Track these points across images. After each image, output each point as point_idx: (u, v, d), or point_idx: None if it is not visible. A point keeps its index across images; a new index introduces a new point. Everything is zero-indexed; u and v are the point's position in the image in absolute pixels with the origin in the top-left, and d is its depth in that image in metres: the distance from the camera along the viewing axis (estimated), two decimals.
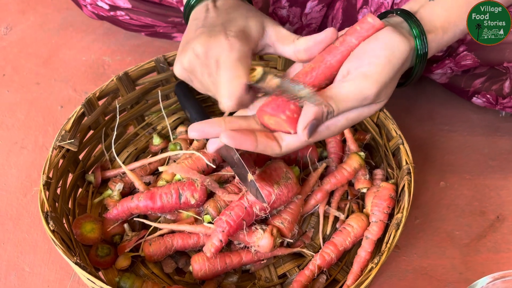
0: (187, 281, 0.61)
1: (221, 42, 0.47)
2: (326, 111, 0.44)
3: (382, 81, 0.44)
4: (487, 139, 0.78)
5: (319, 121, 0.44)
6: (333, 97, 0.44)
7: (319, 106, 0.43)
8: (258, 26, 0.50)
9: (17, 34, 0.98)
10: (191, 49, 0.49)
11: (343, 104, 0.44)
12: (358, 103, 0.45)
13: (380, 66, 0.44)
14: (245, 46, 0.48)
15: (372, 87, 0.44)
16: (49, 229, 0.53)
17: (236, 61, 0.46)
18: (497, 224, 0.68)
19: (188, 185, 0.60)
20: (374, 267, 0.51)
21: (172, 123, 0.75)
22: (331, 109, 0.44)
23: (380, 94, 0.45)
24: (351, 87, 0.44)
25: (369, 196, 0.63)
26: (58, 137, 0.60)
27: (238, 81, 0.45)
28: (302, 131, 0.43)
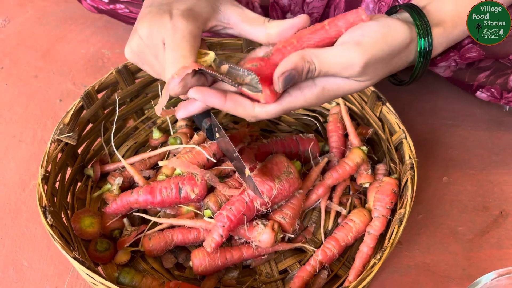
0: (187, 276, 0.60)
1: (165, 22, 0.46)
2: (308, 67, 0.42)
3: (373, 53, 0.43)
4: (491, 134, 0.77)
5: (298, 73, 0.42)
6: (318, 56, 0.42)
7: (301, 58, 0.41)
8: (209, 5, 0.49)
9: (16, 27, 0.97)
10: (137, 31, 0.48)
11: (327, 65, 0.43)
12: (342, 69, 0.43)
13: (374, 39, 0.43)
14: (191, 25, 0.46)
15: (361, 56, 0.42)
16: (47, 223, 0.52)
17: (181, 41, 0.44)
18: (500, 220, 0.67)
19: (188, 179, 0.59)
20: (376, 263, 0.50)
21: (172, 117, 0.74)
22: (312, 66, 0.42)
23: (367, 69, 0.44)
24: (339, 50, 0.43)
25: (371, 191, 0.62)
26: (57, 131, 0.60)
27: (183, 62, 0.43)
28: (277, 78, 0.41)
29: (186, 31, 0.45)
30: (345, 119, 0.68)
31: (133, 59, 0.52)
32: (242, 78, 0.43)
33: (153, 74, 0.52)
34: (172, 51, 0.44)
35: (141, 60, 0.51)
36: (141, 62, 0.52)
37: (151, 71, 0.52)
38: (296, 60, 0.41)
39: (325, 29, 0.46)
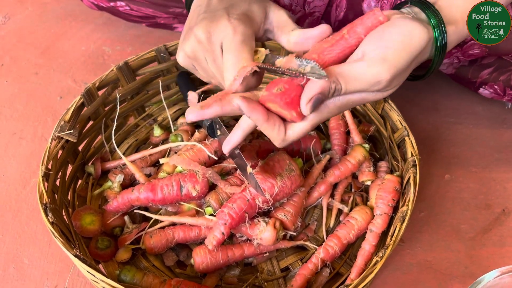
0: (188, 274, 0.60)
1: (224, 26, 0.46)
2: (334, 87, 0.41)
3: (398, 67, 0.43)
4: (493, 131, 0.77)
5: (325, 96, 0.41)
6: (344, 75, 0.42)
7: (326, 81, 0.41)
8: (261, 10, 0.49)
9: (16, 23, 0.97)
10: (193, 35, 0.48)
11: (353, 84, 0.42)
12: (368, 86, 0.43)
13: (398, 51, 0.42)
14: (248, 29, 0.47)
15: (387, 72, 0.42)
16: (48, 221, 0.52)
17: (241, 44, 0.45)
18: (502, 218, 0.67)
19: (189, 177, 0.59)
20: (378, 261, 0.50)
21: (173, 114, 0.74)
22: (339, 86, 0.41)
23: (392, 81, 0.44)
24: (364, 68, 0.42)
25: (373, 188, 0.62)
26: (57, 128, 0.59)
27: (245, 64, 0.44)
28: (305, 104, 0.41)
29: (245, 35, 0.46)
30: (347, 116, 0.67)
31: (186, 63, 0.52)
32: (303, 67, 0.42)
33: (204, 78, 0.52)
34: (233, 53, 0.45)
35: (196, 64, 0.51)
36: (195, 66, 0.52)
37: (204, 75, 0.52)
38: (322, 83, 0.41)
39: (345, 39, 0.45)
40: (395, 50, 0.42)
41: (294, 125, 0.44)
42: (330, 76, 0.41)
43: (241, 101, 0.42)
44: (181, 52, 0.51)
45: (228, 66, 0.45)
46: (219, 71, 0.47)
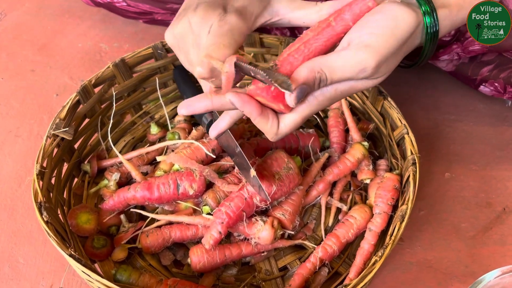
0: (185, 273, 0.59)
1: (218, 15, 0.46)
2: (319, 77, 0.41)
3: (383, 53, 0.42)
4: (494, 129, 0.76)
5: (310, 87, 0.41)
6: (328, 64, 0.41)
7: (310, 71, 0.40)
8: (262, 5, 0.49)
9: (12, 20, 0.96)
10: (186, 17, 0.48)
11: (338, 73, 0.42)
12: (354, 74, 0.42)
13: (383, 37, 0.42)
14: (241, 22, 0.46)
15: (372, 59, 0.41)
16: (43, 220, 0.51)
17: (227, 32, 0.44)
18: (503, 216, 0.66)
19: (186, 175, 0.58)
20: (378, 260, 0.49)
21: (170, 112, 0.73)
22: (324, 76, 0.41)
23: (379, 68, 0.42)
24: (348, 56, 0.41)
25: (373, 187, 0.62)
26: (52, 126, 0.59)
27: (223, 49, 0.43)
28: (289, 95, 0.41)
29: (236, 26, 0.46)
30: (346, 114, 0.66)
31: (171, 42, 0.52)
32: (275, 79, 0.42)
33: (185, 63, 0.52)
34: (215, 37, 0.45)
35: (180, 46, 0.51)
36: (179, 48, 0.51)
37: (185, 59, 0.51)
38: (306, 74, 0.40)
39: (332, 26, 0.44)
40: (380, 35, 0.42)
41: (285, 118, 0.44)
42: (314, 67, 0.41)
43: (233, 96, 0.41)
44: (170, 31, 0.51)
45: (207, 45, 0.44)
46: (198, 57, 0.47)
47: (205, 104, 0.44)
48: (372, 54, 0.41)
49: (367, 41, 0.42)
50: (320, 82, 0.41)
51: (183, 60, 0.52)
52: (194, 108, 0.45)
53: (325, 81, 0.42)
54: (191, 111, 0.45)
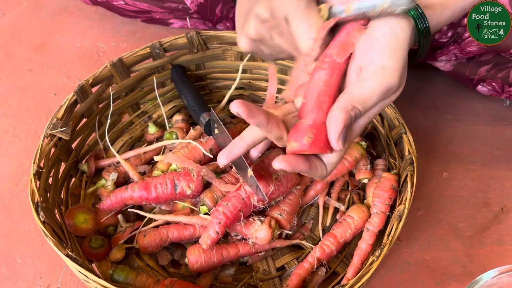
0: (182, 273, 0.59)
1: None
2: (354, 114, 0.41)
3: (399, 67, 0.42)
4: (492, 128, 0.76)
5: (349, 126, 0.42)
6: (357, 99, 0.41)
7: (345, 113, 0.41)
8: None
9: (10, 19, 0.96)
10: (254, 16, 0.47)
11: (369, 102, 0.42)
12: (382, 97, 0.42)
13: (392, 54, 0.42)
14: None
15: (394, 77, 0.42)
16: (40, 220, 0.51)
17: (306, 9, 0.44)
18: (501, 216, 0.66)
19: (184, 175, 0.58)
20: (375, 260, 0.49)
21: (168, 111, 0.73)
22: (357, 111, 0.41)
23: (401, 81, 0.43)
24: (372, 83, 0.42)
25: (370, 187, 0.62)
26: (50, 125, 0.59)
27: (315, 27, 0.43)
28: (336, 142, 0.41)
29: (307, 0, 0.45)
30: None
31: (251, 47, 0.51)
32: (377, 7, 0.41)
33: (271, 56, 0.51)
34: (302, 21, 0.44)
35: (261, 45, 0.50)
36: (259, 49, 0.51)
37: (271, 53, 0.51)
38: (342, 116, 0.40)
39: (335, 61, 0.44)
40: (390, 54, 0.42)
41: (330, 158, 0.44)
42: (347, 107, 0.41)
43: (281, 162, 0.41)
44: (243, 37, 0.50)
45: (300, 33, 0.44)
46: (288, 43, 0.47)
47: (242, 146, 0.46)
48: (392, 73, 0.42)
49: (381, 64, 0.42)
50: (356, 117, 0.42)
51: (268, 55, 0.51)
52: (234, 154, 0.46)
53: (359, 115, 0.42)
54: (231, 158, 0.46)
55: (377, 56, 0.42)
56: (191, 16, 0.84)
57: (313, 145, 0.41)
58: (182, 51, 0.70)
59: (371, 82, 0.42)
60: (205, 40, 0.70)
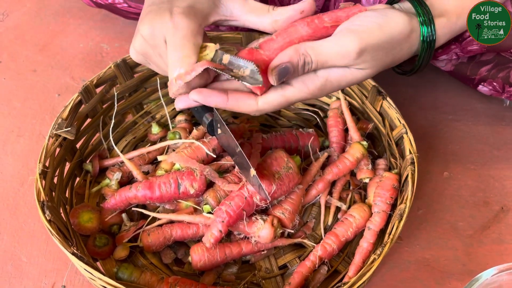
0: (186, 271, 0.60)
1: (166, 21, 0.45)
2: (303, 59, 0.41)
3: (368, 40, 0.42)
4: (492, 128, 0.77)
5: (293, 67, 0.42)
6: (313, 48, 0.42)
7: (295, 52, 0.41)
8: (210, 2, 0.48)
9: (14, 20, 0.96)
10: (139, 31, 0.48)
11: (323, 56, 0.42)
12: (339, 58, 0.42)
13: (369, 27, 0.42)
14: (192, 23, 0.45)
15: (355, 42, 0.42)
16: (46, 219, 0.52)
17: (182, 40, 0.44)
18: (501, 215, 0.67)
19: (187, 174, 0.59)
20: (376, 259, 0.50)
21: (171, 112, 0.74)
22: (309, 58, 0.41)
23: (364, 56, 0.43)
24: (333, 40, 0.42)
25: (372, 186, 0.62)
26: (55, 125, 0.59)
27: (187, 61, 0.43)
28: (271, 70, 0.41)
29: (187, 29, 0.45)
30: (345, 113, 0.67)
31: (138, 59, 0.52)
32: (243, 70, 0.42)
33: (160, 71, 0.52)
34: (175, 51, 0.44)
35: (147, 60, 0.51)
36: (147, 62, 0.52)
37: (158, 69, 0.52)
38: (291, 53, 0.41)
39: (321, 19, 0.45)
40: (366, 26, 0.43)
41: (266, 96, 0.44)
42: (299, 48, 0.41)
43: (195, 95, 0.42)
44: (132, 48, 0.51)
45: (172, 63, 0.44)
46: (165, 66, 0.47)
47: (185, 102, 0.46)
48: (355, 39, 0.42)
49: (353, 28, 0.43)
50: (305, 65, 0.42)
51: (156, 70, 0.52)
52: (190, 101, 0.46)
53: (310, 64, 0.42)
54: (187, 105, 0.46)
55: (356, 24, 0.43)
56: None
57: None
58: None
59: (333, 39, 0.42)
60: None
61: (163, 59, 0.48)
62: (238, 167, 0.58)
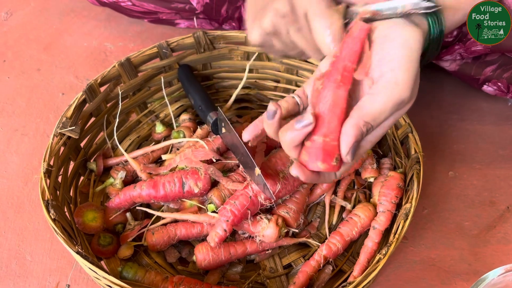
0: (190, 271, 0.60)
1: None
2: (365, 130, 0.42)
3: (412, 80, 0.42)
4: (497, 128, 0.76)
5: (359, 141, 0.42)
6: (369, 114, 0.42)
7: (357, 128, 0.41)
8: None
9: (18, 19, 0.96)
10: (273, 10, 0.48)
11: (381, 117, 0.42)
12: (394, 110, 0.43)
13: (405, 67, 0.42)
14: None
15: (406, 91, 0.42)
16: (50, 217, 0.52)
17: (327, 9, 0.45)
18: (507, 215, 0.67)
19: (191, 173, 0.59)
20: (382, 258, 0.49)
21: (175, 111, 0.74)
22: (369, 126, 0.42)
23: (412, 94, 0.44)
24: (384, 98, 0.42)
25: (377, 185, 0.62)
26: (59, 124, 0.59)
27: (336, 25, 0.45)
28: (345, 156, 0.42)
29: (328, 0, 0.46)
30: None
31: (261, 40, 0.52)
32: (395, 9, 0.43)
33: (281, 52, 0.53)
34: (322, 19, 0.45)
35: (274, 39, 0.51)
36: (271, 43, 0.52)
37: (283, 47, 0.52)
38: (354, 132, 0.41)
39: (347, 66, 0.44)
40: (401, 69, 0.42)
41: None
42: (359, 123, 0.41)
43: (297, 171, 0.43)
44: (257, 29, 0.50)
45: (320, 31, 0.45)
46: (305, 40, 0.48)
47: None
48: (404, 88, 0.42)
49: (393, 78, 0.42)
50: (367, 132, 0.42)
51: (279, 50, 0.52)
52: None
53: (371, 129, 0.43)
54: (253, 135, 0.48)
55: (390, 70, 0.42)
56: (197, 17, 0.85)
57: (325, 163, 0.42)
58: (189, 50, 0.71)
59: (383, 97, 0.42)
60: (211, 40, 0.70)
61: (300, 33, 0.48)
62: (243, 166, 0.57)
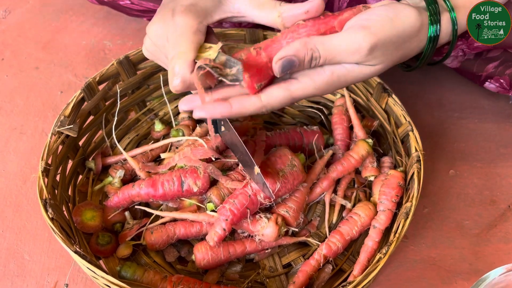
0: (189, 270, 0.60)
1: (168, 21, 0.46)
2: (311, 54, 0.40)
3: (379, 35, 0.41)
4: (499, 126, 0.76)
5: (299, 60, 0.41)
6: (323, 43, 0.41)
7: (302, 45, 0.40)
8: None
9: (16, 17, 0.96)
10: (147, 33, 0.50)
11: (332, 52, 0.41)
12: (349, 55, 0.41)
13: (380, 22, 0.42)
14: (191, 20, 0.46)
15: (367, 39, 0.41)
16: (48, 216, 0.51)
17: (180, 38, 0.44)
18: (508, 214, 0.66)
19: (190, 172, 0.58)
20: (382, 257, 0.49)
21: (175, 109, 0.73)
22: (316, 54, 0.41)
23: (375, 52, 0.42)
24: (343, 36, 0.41)
25: (377, 184, 0.61)
26: (57, 123, 0.59)
27: (183, 57, 0.43)
28: (275, 62, 0.40)
29: (185, 27, 0.45)
30: (350, 111, 0.66)
31: (150, 57, 0.54)
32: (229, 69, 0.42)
33: None
34: (172, 48, 0.45)
35: (156, 59, 0.53)
36: (157, 60, 0.53)
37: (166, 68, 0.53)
38: (298, 46, 0.40)
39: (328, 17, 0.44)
40: (377, 21, 0.42)
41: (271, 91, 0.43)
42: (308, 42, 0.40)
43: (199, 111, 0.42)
44: (144, 47, 0.53)
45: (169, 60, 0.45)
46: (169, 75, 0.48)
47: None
48: (366, 35, 0.41)
49: (363, 23, 0.42)
50: (312, 60, 0.41)
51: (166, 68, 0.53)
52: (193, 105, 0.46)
53: (317, 59, 0.41)
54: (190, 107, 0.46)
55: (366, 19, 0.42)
56: None
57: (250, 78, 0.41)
58: None
59: (343, 35, 0.41)
60: None
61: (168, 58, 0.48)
62: (242, 165, 0.57)
